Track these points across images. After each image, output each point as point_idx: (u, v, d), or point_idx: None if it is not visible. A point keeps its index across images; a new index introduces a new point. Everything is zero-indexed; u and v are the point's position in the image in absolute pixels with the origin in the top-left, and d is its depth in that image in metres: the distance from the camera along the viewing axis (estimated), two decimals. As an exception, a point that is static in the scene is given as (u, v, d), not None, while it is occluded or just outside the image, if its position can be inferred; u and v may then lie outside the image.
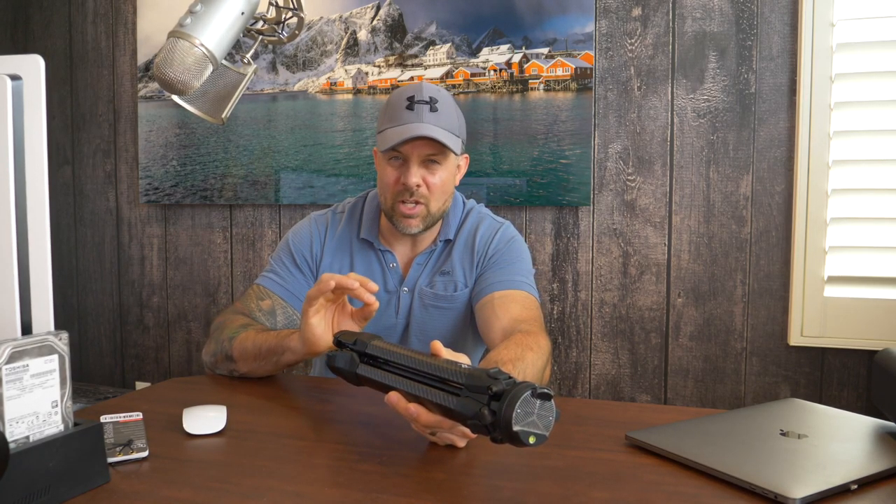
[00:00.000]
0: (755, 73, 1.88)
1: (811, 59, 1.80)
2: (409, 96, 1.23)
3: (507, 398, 0.67)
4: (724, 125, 1.91)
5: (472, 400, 0.69)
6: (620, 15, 1.98)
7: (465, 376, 0.72)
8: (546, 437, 0.68)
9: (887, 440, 0.81)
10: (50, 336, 0.70)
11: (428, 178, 1.25)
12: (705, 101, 1.93)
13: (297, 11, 1.14)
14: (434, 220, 1.30)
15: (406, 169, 1.24)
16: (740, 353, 1.94)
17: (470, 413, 0.69)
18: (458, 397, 0.71)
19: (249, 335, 1.16)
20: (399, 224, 1.27)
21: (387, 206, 1.29)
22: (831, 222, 1.81)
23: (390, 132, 1.23)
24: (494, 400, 0.68)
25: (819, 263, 1.83)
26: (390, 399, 0.80)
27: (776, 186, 1.88)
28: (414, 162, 1.23)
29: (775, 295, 1.90)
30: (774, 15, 1.86)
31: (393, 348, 0.86)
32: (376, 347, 0.88)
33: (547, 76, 2.02)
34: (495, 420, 0.67)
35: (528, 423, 0.67)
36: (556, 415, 0.68)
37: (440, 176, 1.26)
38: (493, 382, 0.68)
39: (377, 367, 0.86)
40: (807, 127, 1.81)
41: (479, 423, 0.68)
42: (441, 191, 1.27)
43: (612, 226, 2.02)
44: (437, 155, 1.24)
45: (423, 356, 0.80)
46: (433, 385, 0.76)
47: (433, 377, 0.76)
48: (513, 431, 0.66)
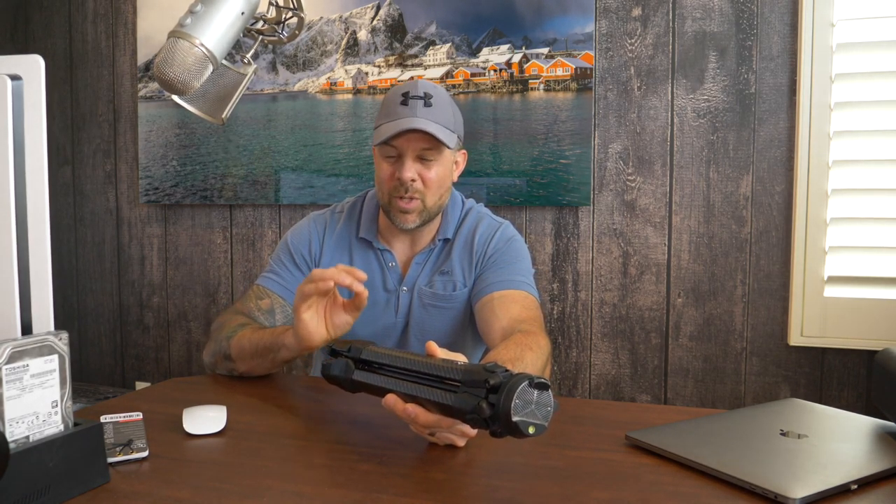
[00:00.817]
0: (755, 73, 1.88)
1: (811, 59, 1.80)
2: (404, 92, 1.24)
3: (505, 389, 0.67)
4: (724, 125, 1.91)
5: (470, 395, 0.69)
6: (620, 15, 1.98)
7: (462, 372, 0.72)
8: (545, 427, 0.68)
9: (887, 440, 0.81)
10: (50, 336, 0.70)
11: (423, 172, 1.25)
12: (705, 101, 1.93)
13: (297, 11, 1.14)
14: (431, 216, 1.30)
15: (401, 164, 1.24)
16: (740, 353, 1.94)
17: (468, 408, 0.69)
18: (456, 394, 0.71)
19: (246, 334, 1.17)
20: (396, 219, 1.28)
21: (384, 202, 1.29)
22: (831, 222, 1.81)
23: (384, 127, 1.24)
24: (492, 393, 0.68)
25: (819, 263, 1.83)
26: (387, 402, 0.80)
27: (776, 186, 1.88)
28: (408, 156, 1.24)
29: (775, 295, 1.90)
30: (774, 15, 1.86)
31: (388, 352, 0.86)
32: (371, 352, 0.88)
33: (547, 76, 2.02)
34: (494, 412, 0.67)
35: (526, 413, 0.67)
36: (555, 406, 0.68)
37: (435, 170, 1.26)
38: (490, 376, 0.68)
39: (373, 372, 0.87)
40: (807, 127, 1.81)
41: (477, 416, 0.68)
42: (437, 185, 1.27)
43: (612, 226, 2.02)
44: (431, 149, 1.24)
45: (419, 357, 0.80)
46: (430, 384, 0.76)
47: (430, 376, 0.76)
48: (512, 422, 0.66)
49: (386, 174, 1.27)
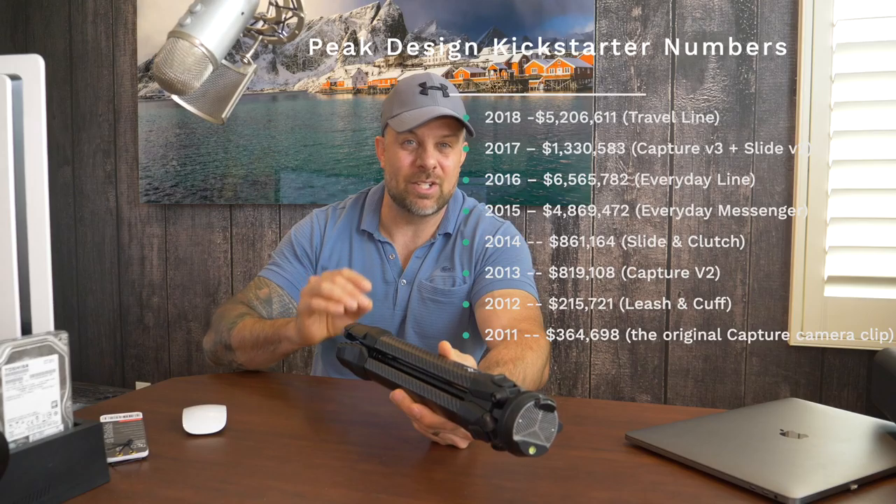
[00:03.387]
0: (755, 73, 1.88)
1: (811, 59, 1.80)
2: (422, 82, 1.27)
3: (511, 407, 0.66)
4: (724, 125, 1.91)
5: (476, 405, 0.69)
6: (620, 15, 1.98)
7: (471, 381, 0.71)
8: (546, 448, 0.67)
9: (887, 440, 0.81)
10: (50, 336, 0.70)
11: (441, 160, 1.28)
12: (705, 101, 1.93)
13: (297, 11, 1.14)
14: (444, 202, 1.33)
15: (423, 151, 1.27)
16: (740, 353, 1.94)
17: (472, 418, 0.69)
18: (462, 401, 0.71)
19: (247, 324, 1.18)
20: (413, 205, 1.29)
21: (399, 189, 1.30)
22: (831, 222, 1.81)
23: (407, 115, 1.25)
24: (497, 407, 0.67)
25: (819, 263, 1.82)
26: (395, 396, 0.80)
27: (776, 186, 1.88)
28: (430, 143, 1.26)
29: (775, 295, 1.90)
30: (774, 15, 1.86)
31: (402, 346, 0.85)
32: (385, 344, 0.88)
33: (547, 76, 2.02)
34: (496, 427, 0.67)
35: (529, 433, 0.66)
36: (559, 427, 0.68)
37: (452, 158, 1.30)
38: (497, 390, 0.67)
39: (385, 364, 0.86)
40: (807, 127, 1.81)
41: (480, 429, 0.68)
42: (453, 172, 1.31)
43: (612, 226, 2.02)
44: (450, 137, 1.27)
45: (431, 356, 0.80)
46: (438, 386, 0.76)
47: (439, 378, 0.76)
48: (513, 441, 0.66)
49: (406, 161, 1.28)
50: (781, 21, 1.85)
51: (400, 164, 1.28)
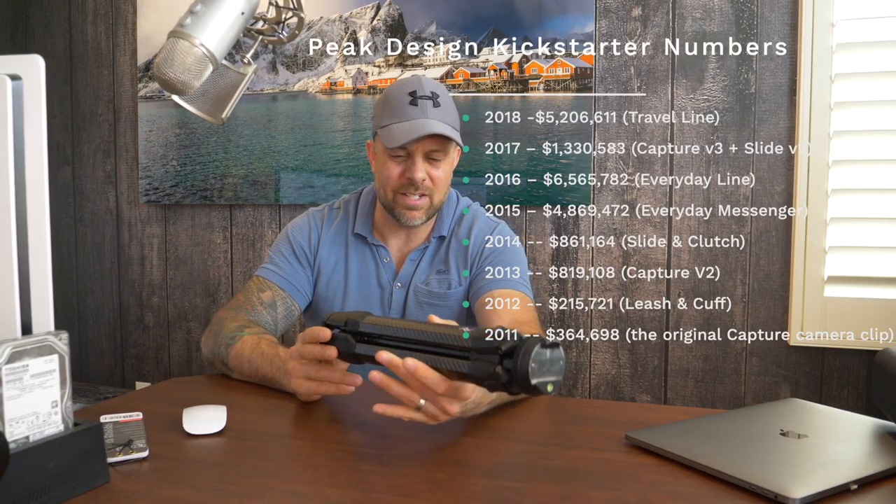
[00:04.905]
0: (755, 73, 1.88)
1: (811, 59, 1.80)
2: (411, 91, 1.24)
3: (520, 354, 0.69)
4: (724, 125, 1.91)
5: (484, 361, 0.70)
6: (620, 15, 1.98)
7: (471, 339, 0.73)
8: (561, 381, 0.71)
9: (887, 440, 0.81)
10: (50, 336, 0.70)
11: (431, 171, 1.26)
12: (705, 101, 1.93)
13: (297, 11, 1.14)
14: (434, 212, 1.31)
15: (411, 164, 1.25)
16: (740, 353, 1.94)
17: (484, 374, 0.71)
18: (469, 361, 0.72)
19: (246, 347, 1.15)
20: (402, 216, 1.28)
21: (387, 199, 1.29)
22: (831, 222, 1.81)
23: (396, 128, 1.22)
24: (506, 357, 0.69)
25: (819, 263, 1.82)
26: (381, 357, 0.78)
27: (776, 186, 1.88)
28: (419, 157, 1.24)
29: (775, 295, 1.90)
30: (774, 15, 1.86)
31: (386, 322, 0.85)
32: (369, 324, 0.87)
33: (547, 76, 2.02)
34: (511, 377, 0.69)
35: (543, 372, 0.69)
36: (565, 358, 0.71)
37: (443, 169, 1.28)
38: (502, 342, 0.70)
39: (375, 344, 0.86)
40: (807, 127, 1.81)
41: (495, 382, 0.70)
42: (444, 184, 1.29)
43: (612, 226, 2.02)
44: (439, 150, 1.25)
45: (419, 324, 0.80)
46: (438, 353, 0.76)
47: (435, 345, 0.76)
48: (531, 385, 0.68)
49: (395, 173, 1.26)
50: (781, 21, 1.85)
51: (389, 174, 1.27)
